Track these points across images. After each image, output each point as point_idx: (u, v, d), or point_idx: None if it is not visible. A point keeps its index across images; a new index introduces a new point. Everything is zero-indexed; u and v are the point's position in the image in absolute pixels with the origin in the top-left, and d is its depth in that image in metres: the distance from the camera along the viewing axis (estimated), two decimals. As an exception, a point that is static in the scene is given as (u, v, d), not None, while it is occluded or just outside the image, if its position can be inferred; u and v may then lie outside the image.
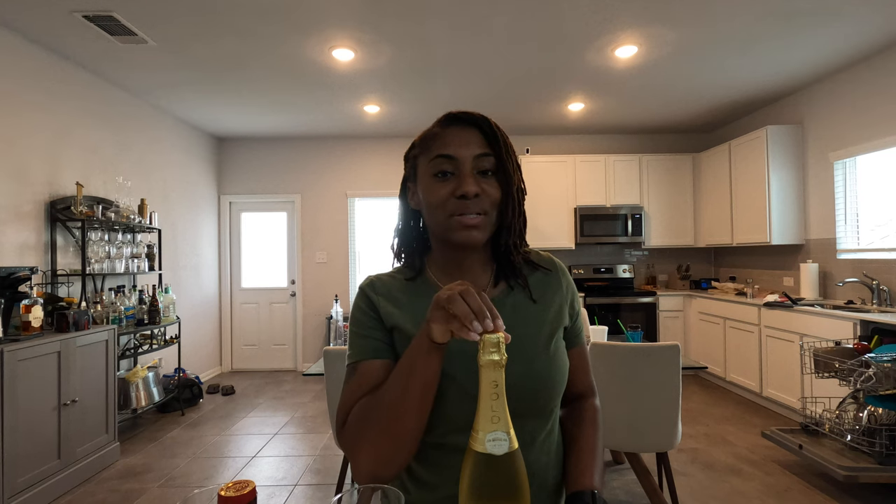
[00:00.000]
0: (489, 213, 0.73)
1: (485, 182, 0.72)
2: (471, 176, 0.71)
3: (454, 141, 0.72)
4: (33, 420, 2.33)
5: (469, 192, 0.70)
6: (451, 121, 0.75)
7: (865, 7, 2.69)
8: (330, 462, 2.90)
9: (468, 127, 0.74)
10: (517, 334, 0.71)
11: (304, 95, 4.00)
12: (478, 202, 0.71)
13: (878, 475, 2.20)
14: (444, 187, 0.72)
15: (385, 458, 0.64)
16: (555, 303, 0.80)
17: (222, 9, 2.61)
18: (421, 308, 0.74)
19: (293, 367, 5.43)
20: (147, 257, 3.68)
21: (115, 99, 3.68)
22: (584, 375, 0.85)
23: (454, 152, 0.72)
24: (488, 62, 3.37)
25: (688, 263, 5.33)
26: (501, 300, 0.78)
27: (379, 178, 5.42)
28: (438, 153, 0.73)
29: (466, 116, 0.74)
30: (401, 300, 0.77)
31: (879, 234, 3.39)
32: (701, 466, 2.75)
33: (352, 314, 0.79)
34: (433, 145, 0.74)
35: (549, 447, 0.76)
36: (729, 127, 5.07)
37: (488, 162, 0.72)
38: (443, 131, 0.74)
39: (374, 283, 0.80)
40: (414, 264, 0.81)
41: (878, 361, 2.22)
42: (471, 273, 0.79)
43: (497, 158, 0.73)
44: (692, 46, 3.14)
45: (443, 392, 0.70)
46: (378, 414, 0.64)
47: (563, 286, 0.83)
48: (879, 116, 3.30)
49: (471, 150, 0.72)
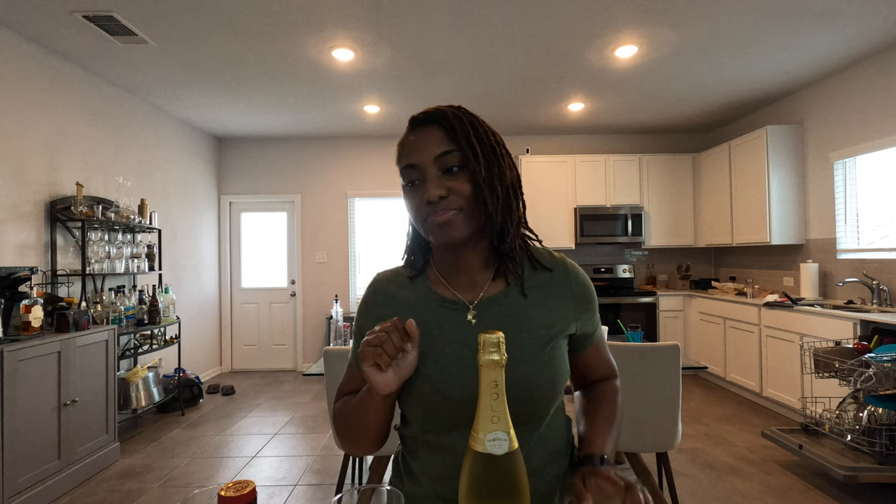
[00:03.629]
0: (464, 208, 0.71)
1: (451, 180, 0.71)
2: (434, 180, 0.70)
3: (416, 146, 0.72)
4: (33, 420, 2.33)
5: (431, 197, 0.69)
6: (414, 124, 0.75)
7: (865, 7, 2.69)
8: (330, 462, 2.90)
9: (429, 126, 0.73)
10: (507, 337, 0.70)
11: (304, 95, 4.00)
12: (447, 203, 0.70)
13: (878, 475, 2.20)
14: (416, 195, 0.72)
15: (357, 449, 0.76)
16: (554, 306, 0.76)
17: (222, 9, 2.60)
18: (414, 306, 0.78)
19: (293, 367, 5.43)
20: (147, 257, 3.68)
21: (115, 99, 3.68)
22: (602, 366, 0.83)
23: (415, 160, 0.71)
24: (488, 62, 3.37)
25: (688, 263, 5.33)
26: (497, 299, 0.75)
27: (379, 178, 5.42)
28: (404, 164, 0.73)
29: (426, 116, 0.74)
30: (398, 296, 0.80)
31: (879, 234, 3.39)
32: (701, 466, 2.75)
33: (357, 311, 0.85)
34: (402, 154, 0.75)
35: (537, 458, 0.72)
36: (729, 127, 5.07)
37: (453, 158, 0.71)
38: (407, 138, 0.74)
39: (376, 284, 0.84)
40: (416, 263, 0.83)
41: (878, 361, 2.22)
42: (468, 271, 0.78)
43: (461, 152, 0.71)
44: (692, 46, 3.14)
45: (419, 390, 0.71)
46: (346, 423, 0.75)
47: (569, 288, 0.78)
48: (879, 116, 3.30)
49: (430, 153, 0.71)
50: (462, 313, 0.75)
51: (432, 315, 0.76)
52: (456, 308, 0.75)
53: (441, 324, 0.74)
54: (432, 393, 0.70)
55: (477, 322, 0.73)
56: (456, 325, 0.74)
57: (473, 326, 0.73)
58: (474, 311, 0.74)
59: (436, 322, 0.75)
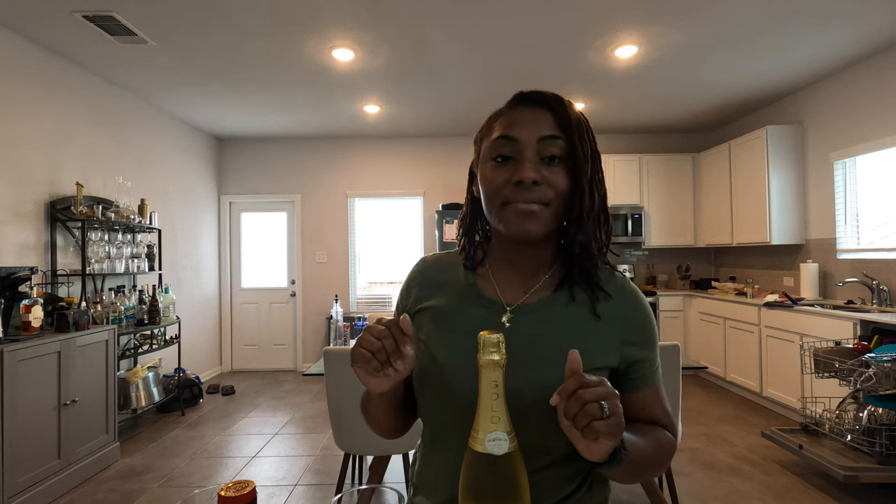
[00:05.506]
0: (552, 204, 0.64)
1: (548, 170, 0.64)
2: (531, 161, 0.64)
3: (518, 121, 0.66)
4: (33, 420, 2.33)
5: (526, 177, 0.62)
6: (519, 101, 0.69)
7: (865, 7, 2.69)
8: (330, 462, 2.90)
9: (538, 107, 0.67)
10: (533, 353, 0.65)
11: (303, 95, 4.00)
12: (537, 191, 0.63)
13: (878, 475, 2.20)
14: (502, 173, 0.65)
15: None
16: (598, 330, 0.68)
17: (222, 9, 2.60)
18: (453, 296, 0.74)
19: (293, 367, 5.43)
20: (147, 257, 3.68)
21: (114, 99, 3.68)
22: (658, 418, 0.69)
23: (516, 133, 0.65)
24: (488, 62, 3.37)
25: (688, 263, 5.33)
26: (538, 307, 0.69)
27: (379, 178, 5.42)
28: (499, 134, 0.66)
29: (537, 96, 0.68)
30: (440, 281, 0.77)
31: (879, 234, 3.39)
32: (701, 466, 2.75)
33: (400, 289, 0.83)
34: (496, 125, 0.69)
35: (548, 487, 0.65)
36: (729, 127, 5.07)
37: (556, 146, 0.64)
38: (509, 111, 0.68)
39: (423, 264, 0.82)
40: (476, 256, 0.76)
41: (878, 361, 2.22)
42: (520, 271, 0.72)
43: (568, 143, 0.64)
44: (692, 46, 3.14)
45: (421, 391, 0.71)
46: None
47: (625, 318, 0.69)
48: (879, 116, 3.30)
49: (535, 132, 0.64)
50: (498, 314, 0.70)
51: (468, 310, 0.72)
52: (493, 308, 0.71)
53: (473, 321, 0.70)
54: (434, 394, 0.69)
55: (510, 326, 0.68)
56: (486, 328, 0.68)
57: (506, 331, 0.67)
58: (510, 315, 0.69)
59: (469, 318, 0.71)
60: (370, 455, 2.39)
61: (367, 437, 1.97)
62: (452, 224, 4.86)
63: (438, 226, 4.88)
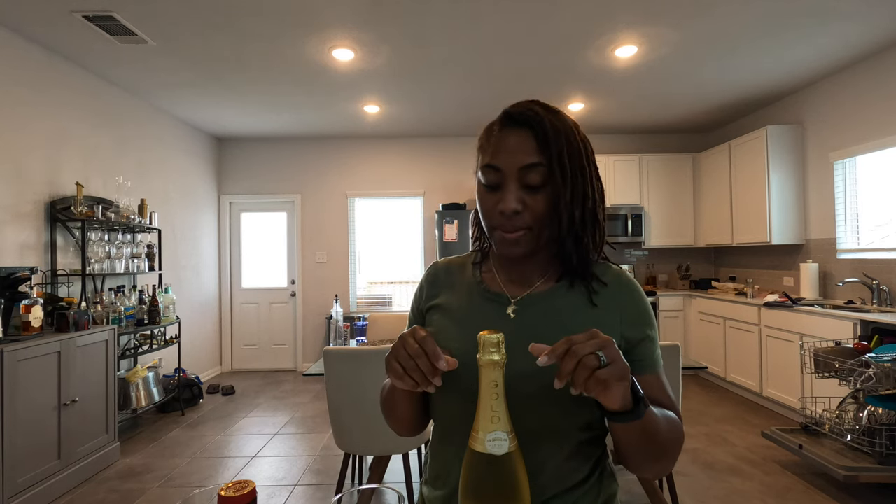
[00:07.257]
0: (533, 227, 0.69)
1: (530, 196, 0.68)
2: (512, 192, 0.68)
3: (503, 147, 0.69)
4: (33, 420, 2.33)
5: (507, 209, 0.67)
6: (505, 122, 0.71)
7: (865, 7, 2.69)
8: (330, 462, 2.90)
9: (521, 129, 0.69)
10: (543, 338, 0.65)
11: (303, 95, 4.00)
12: (519, 219, 0.68)
13: (878, 475, 2.20)
14: (490, 199, 0.70)
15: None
16: (600, 315, 0.72)
17: (222, 9, 2.61)
18: (461, 293, 0.79)
19: (293, 367, 5.43)
20: (147, 257, 3.68)
21: (115, 99, 3.68)
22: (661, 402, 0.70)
23: (499, 163, 0.69)
24: (488, 62, 3.37)
25: (688, 263, 5.33)
26: (542, 297, 0.74)
27: (379, 178, 5.42)
28: (486, 162, 0.70)
29: (520, 116, 0.70)
30: (448, 280, 0.83)
31: (879, 234, 3.39)
32: (701, 466, 2.75)
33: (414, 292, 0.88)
34: (487, 148, 0.72)
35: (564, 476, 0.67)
36: (729, 127, 5.07)
37: (537, 174, 0.67)
38: (497, 134, 0.71)
39: (435, 266, 0.87)
40: (485, 250, 0.84)
41: (878, 361, 2.22)
42: (524, 271, 0.77)
43: (548, 167, 0.67)
44: (692, 46, 3.14)
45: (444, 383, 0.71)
46: (387, 410, 0.78)
47: (623, 303, 0.73)
48: (879, 116, 3.30)
49: (517, 160, 0.67)
50: (503, 307, 0.74)
51: (474, 305, 0.76)
52: (499, 301, 0.75)
53: (479, 315, 0.75)
54: (442, 392, 0.69)
55: (516, 317, 0.73)
56: (494, 319, 0.74)
57: (512, 321, 0.72)
58: (515, 307, 0.74)
59: (475, 312, 0.75)
60: (370, 455, 2.39)
61: (367, 437, 1.97)
62: (452, 224, 4.86)
63: (438, 226, 4.88)
